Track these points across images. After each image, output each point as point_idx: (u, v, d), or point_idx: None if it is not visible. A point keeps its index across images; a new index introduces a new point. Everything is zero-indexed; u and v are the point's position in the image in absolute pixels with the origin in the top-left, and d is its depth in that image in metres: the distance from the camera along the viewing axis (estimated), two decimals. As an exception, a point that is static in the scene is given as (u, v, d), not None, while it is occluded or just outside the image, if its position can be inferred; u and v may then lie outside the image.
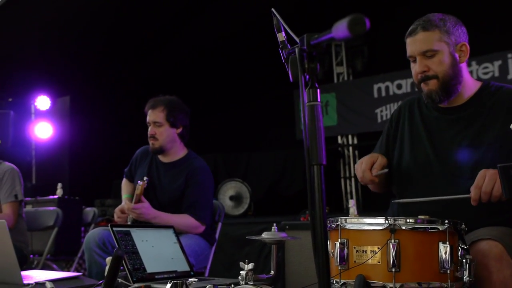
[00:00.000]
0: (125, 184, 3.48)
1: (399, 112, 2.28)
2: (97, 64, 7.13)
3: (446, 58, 2.00)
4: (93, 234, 3.06)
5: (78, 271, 4.18)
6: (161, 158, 3.33)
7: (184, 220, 3.11)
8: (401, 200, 2.02)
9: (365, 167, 2.00)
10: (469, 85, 2.09)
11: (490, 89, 2.07)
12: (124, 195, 3.41)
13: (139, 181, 3.11)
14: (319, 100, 1.19)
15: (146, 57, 7.47)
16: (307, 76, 1.20)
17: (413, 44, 2.04)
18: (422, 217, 1.61)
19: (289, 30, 1.42)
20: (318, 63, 1.19)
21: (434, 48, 1.99)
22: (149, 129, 3.26)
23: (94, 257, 2.98)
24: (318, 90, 1.20)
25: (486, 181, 1.72)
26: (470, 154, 1.98)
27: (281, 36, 1.56)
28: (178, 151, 3.31)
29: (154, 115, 3.22)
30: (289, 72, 1.33)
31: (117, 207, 3.17)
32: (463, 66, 2.06)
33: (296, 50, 1.21)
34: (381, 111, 7.19)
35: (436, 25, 2.00)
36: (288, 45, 1.53)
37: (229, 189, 6.92)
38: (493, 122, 1.99)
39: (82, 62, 7.03)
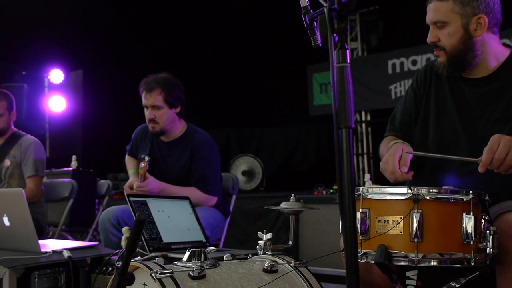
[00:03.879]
0: (128, 160, 3.45)
1: (425, 74, 2.12)
2: (110, 38, 7.09)
3: (456, 30, 1.86)
4: (107, 214, 3.02)
5: (92, 243, 4.22)
6: (161, 137, 3.26)
7: (192, 193, 3.04)
8: (412, 152, 1.86)
9: (393, 168, 1.82)
10: (496, 55, 1.94)
11: None
12: (130, 170, 3.38)
13: (141, 163, 3.06)
14: (348, 61, 1.15)
15: (159, 30, 7.42)
16: (337, 37, 1.16)
17: (428, 12, 1.92)
18: (446, 187, 1.58)
19: (313, -7, 1.37)
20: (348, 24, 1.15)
21: (444, 20, 1.86)
22: (147, 112, 3.15)
23: (110, 238, 2.96)
24: (348, 51, 1.16)
25: (501, 146, 1.61)
26: (499, 129, 1.84)
27: (304, 1, 1.52)
28: (177, 129, 3.25)
29: (152, 99, 3.11)
30: (314, 36, 1.29)
31: (125, 184, 3.14)
32: (484, 38, 1.89)
33: (325, 9, 1.17)
34: (395, 87, 7.11)
35: None
36: (311, 10, 1.49)
37: (242, 164, 6.92)
38: None
39: (95, 36, 6.99)
